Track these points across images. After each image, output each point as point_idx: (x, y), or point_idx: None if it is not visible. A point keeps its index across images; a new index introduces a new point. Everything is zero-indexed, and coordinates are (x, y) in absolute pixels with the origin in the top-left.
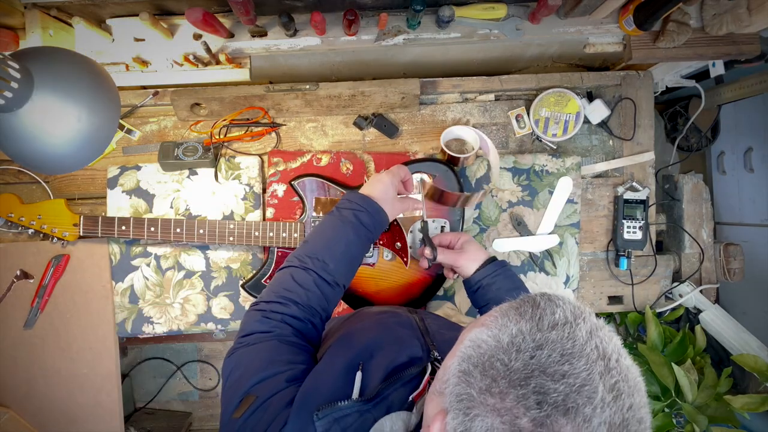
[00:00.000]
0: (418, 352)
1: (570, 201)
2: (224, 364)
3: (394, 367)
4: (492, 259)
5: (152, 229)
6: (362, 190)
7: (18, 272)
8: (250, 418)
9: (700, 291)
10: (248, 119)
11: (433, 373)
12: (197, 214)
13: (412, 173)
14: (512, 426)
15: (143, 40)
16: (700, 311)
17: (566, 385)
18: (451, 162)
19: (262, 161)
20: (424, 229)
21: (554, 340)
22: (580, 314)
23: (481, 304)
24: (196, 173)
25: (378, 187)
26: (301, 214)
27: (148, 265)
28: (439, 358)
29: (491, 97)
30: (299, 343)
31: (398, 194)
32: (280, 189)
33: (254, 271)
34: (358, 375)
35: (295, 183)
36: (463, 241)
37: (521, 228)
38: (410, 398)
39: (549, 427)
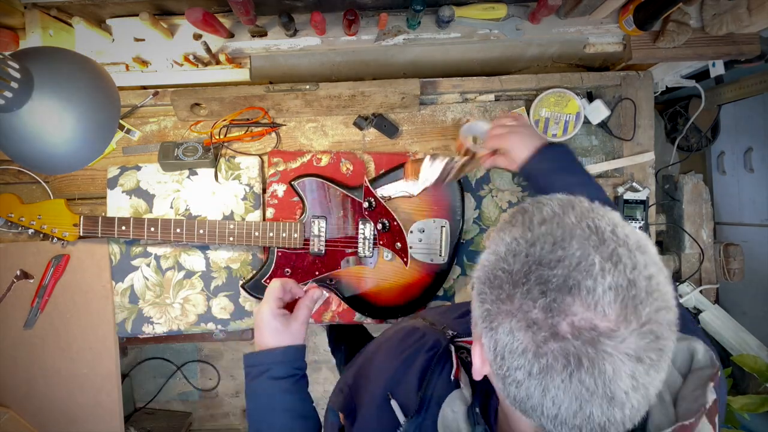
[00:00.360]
0: (433, 343)
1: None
2: None
3: (420, 371)
4: (545, 146)
5: (152, 229)
6: (259, 339)
7: (18, 272)
8: None
9: (700, 291)
10: (248, 119)
11: (457, 349)
12: (197, 214)
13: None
14: (527, 321)
15: (143, 40)
16: (700, 311)
17: (563, 267)
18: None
19: (262, 161)
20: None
21: (544, 233)
22: (568, 203)
23: (538, 188)
24: (196, 173)
25: (265, 332)
26: (301, 214)
27: (148, 265)
28: (454, 333)
29: (491, 97)
30: None
31: (290, 306)
32: (280, 189)
33: (254, 271)
34: (393, 402)
35: (295, 183)
36: (509, 147)
37: None
38: (451, 379)
39: (558, 310)
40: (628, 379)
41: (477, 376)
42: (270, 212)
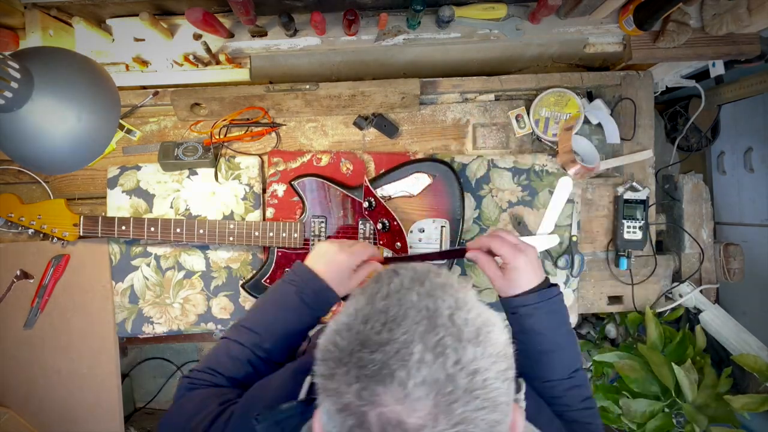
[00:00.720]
0: None
1: (570, 201)
2: (160, 426)
3: None
4: (542, 285)
5: (152, 229)
6: (314, 264)
7: (18, 272)
8: None
9: (700, 291)
10: (248, 119)
11: None
12: (197, 214)
13: (413, 173)
14: (340, 405)
15: (143, 40)
16: (700, 311)
17: (383, 353)
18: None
19: (262, 161)
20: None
21: (380, 310)
22: (419, 277)
23: (515, 329)
24: (196, 173)
25: (332, 267)
26: (301, 214)
27: (148, 265)
28: None
29: (491, 97)
30: (226, 388)
31: (357, 269)
32: (280, 189)
33: (254, 271)
34: (308, 379)
35: (295, 183)
36: (515, 266)
37: (521, 228)
38: None
39: (369, 399)
40: None
41: None
42: (270, 212)
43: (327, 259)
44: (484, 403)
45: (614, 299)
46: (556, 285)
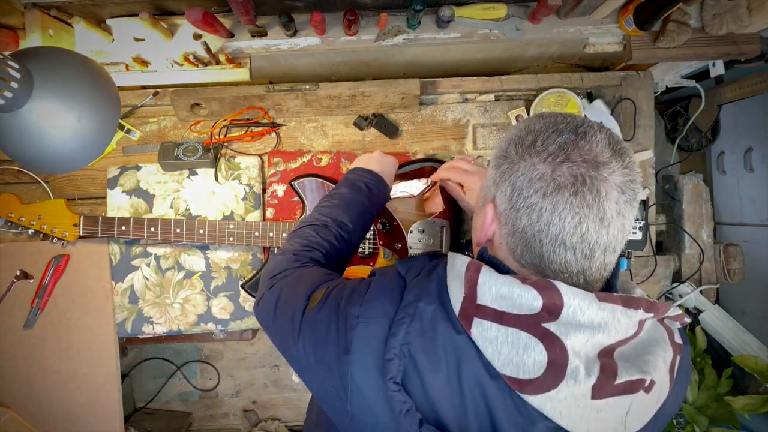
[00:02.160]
0: None
1: None
2: (263, 304)
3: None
4: None
5: (152, 229)
6: (369, 165)
7: (18, 272)
8: (330, 298)
9: (700, 291)
10: (248, 119)
11: None
12: (197, 214)
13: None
14: (546, 153)
15: (143, 40)
16: (700, 312)
17: (572, 122)
18: None
19: (262, 161)
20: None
21: (549, 114)
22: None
23: None
24: (196, 173)
25: (386, 167)
26: (301, 215)
27: (148, 265)
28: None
29: (491, 97)
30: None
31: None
32: (280, 189)
33: (254, 271)
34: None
35: (295, 183)
36: (471, 186)
37: None
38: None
39: (572, 146)
40: (614, 204)
41: (483, 237)
42: (270, 212)
43: (379, 161)
44: (635, 160)
45: None
46: None
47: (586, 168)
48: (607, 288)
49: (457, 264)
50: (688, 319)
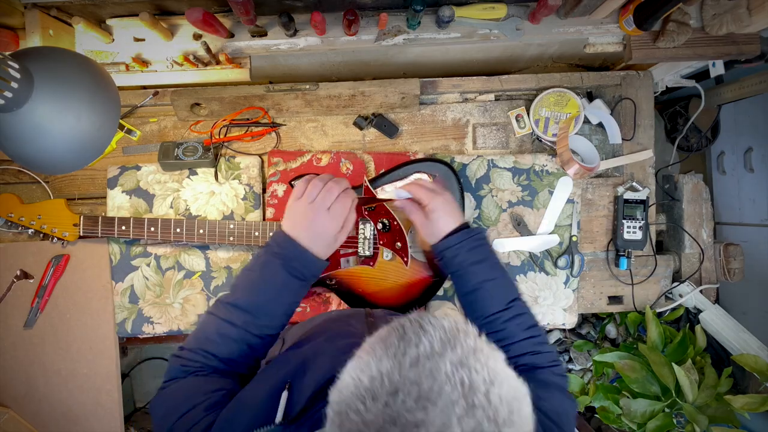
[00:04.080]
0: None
1: (570, 201)
2: (151, 407)
3: (324, 381)
4: (460, 228)
5: (152, 229)
6: (296, 233)
7: (18, 272)
8: None
9: (700, 291)
10: (248, 119)
11: None
12: (197, 214)
13: (413, 173)
14: None
15: (143, 40)
16: (700, 311)
17: (414, 426)
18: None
19: (262, 161)
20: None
21: (412, 380)
22: (450, 339)
23: (448, 273)
24: (196, 173)
25: (315, 236)
26: None
27: (148, 265)
28: None
29: (491, 97)
30: (220, 372)
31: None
32: (280, 189)
33: None
34: (284, 395)
35: (295, 183)
36: (432, 207)
37: (521, 228)
38: None
39: None
40: None
41: None
42: (270, 212)
43: (309, 228)
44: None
45: (614, 299)
46: (477, 227)
47: None
48: None
49: None
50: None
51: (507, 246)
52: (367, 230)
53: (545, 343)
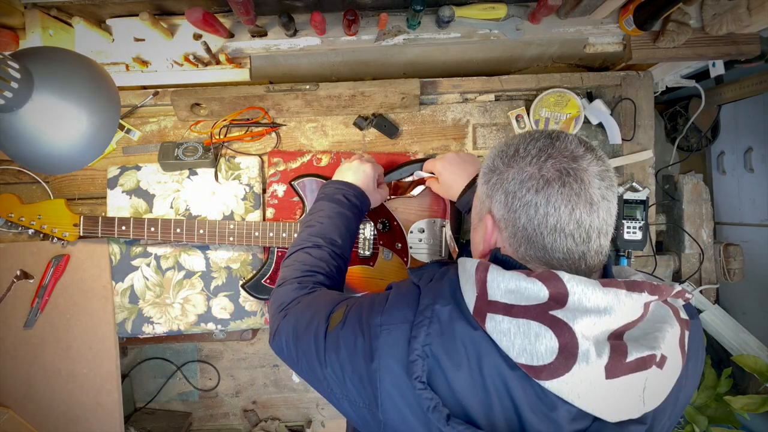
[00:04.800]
0: None
1: None
2: (277, 338)
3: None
4: (473, 182)
5: (152, 229)
6: (345, 177)
7: (18, 272)
8: (350, 315)
9: (700, 291)
10: (248, 119)
11: None
12: (197, 214)
13: (413, 173)
14: (531, 157)
15: (143, 40)
16: (700, 311)
17: (546, 132)
18: None
19: (262, 161)
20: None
21: (531, 131)
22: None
23: None
24: (196, 173)
25: (361, 177)
26: (301, 215)
27: (148, 265)
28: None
29: (491, 97)
30: (328, 287)
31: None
32: (280, 189)
33: (254, 272)
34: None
35: (295, 183)
36: (438, 171)
37: None
38: None
39: (549, 147)
40: (597, 190)
41: (487, 247)
42: (270, 212)
43: (354, 170)
44: (606, 155)
45: None
46: None
47: (567, 162)
48: (605, 275)
49: (468, 266)
50: (689, 295)
51: None
52: (367, 230)
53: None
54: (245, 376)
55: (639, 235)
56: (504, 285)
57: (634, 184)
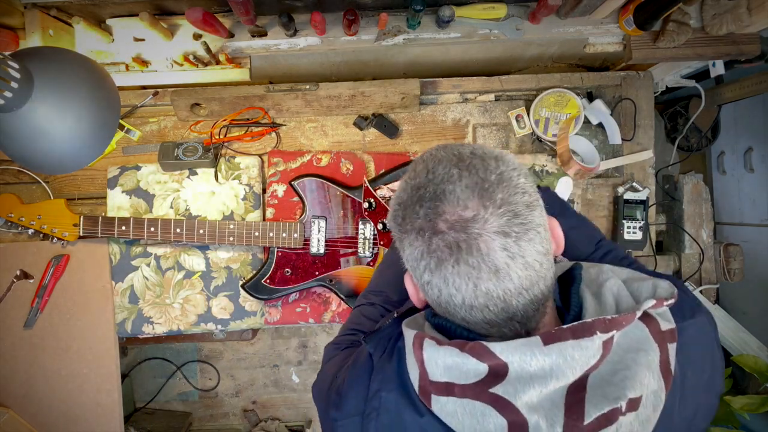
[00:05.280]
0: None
1: (570, 201)
2: (313, 391)
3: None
4: None
5: (152, 229)
6: None
7: (18, 272)
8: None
9: (700, 291)
10: (248, 119)
11: None
12: (197, 214)
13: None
14: (416, 230)
15: (143, 40)
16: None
17: (433, 184)
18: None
19: (262, 161)
20: None
21: (421, 168)
22: (442, 146)
23: None
24: (196, 173)
25: None
26: (301, 215)
27: (148, 265)
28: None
29: (491, 97)
30: None
31: None
32: (280, 189)
33: (254, 272)
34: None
35: (295, 183)
36: None
37: None
38: None
39: (434, 214)
40: (502, 251)
41: (416, 303)
42: (270, 212)
43: None
44: (515, 189)
45: None
46: (541, 187)
47: (455, 233)
48: (566, 305)
49: (407, 339)
50: (670, 300)
51: None
52: (368, 230)
53: (644, 267)
54: (245, 376)
55: (639, 235)
56: (441, 362)
57: (634, 184)
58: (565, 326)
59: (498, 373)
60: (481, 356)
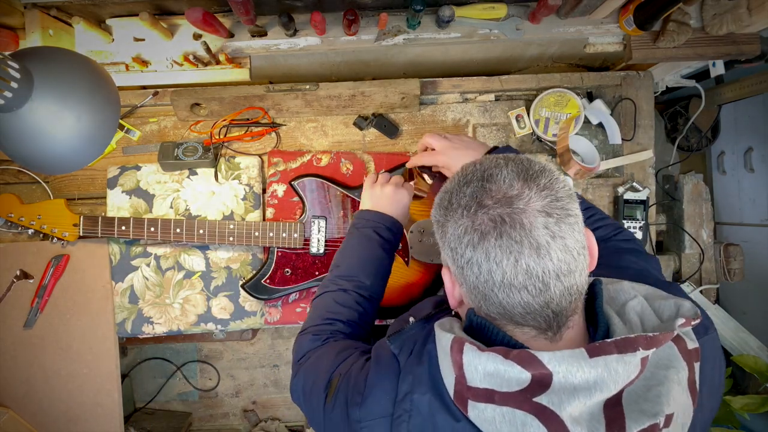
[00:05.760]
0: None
1: None
2: (293, 390)
3: (439, 299)
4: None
5: (152, 229)
6: (378, 206)
7: (18, 272)
8: (339, 393)
9: (700, 291)
10: (248, 119)
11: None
12: (197, 214)
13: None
14: (462, 208)
15: (143, 40)
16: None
17: (479, 170)
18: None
19: (262, 161)
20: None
21: (473, 163)
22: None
23: None
24: (196, 173)
25: (395, 205)
26: (301, 215)
27: (148, 265)
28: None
29: (491, 97)
30: (347, 335)
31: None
32: (280, 189)
33: (254, 272)
34: (411, 318)
35: (295, 183)
36: (438, 147)
37: None
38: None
39: (480, 192)
40: (543, 229)
41: (454, 302)
42: (270, 212)
43: (390, 199)
44: (554, 177)
45: None
46: (497, 147)
47: (500, 207)
48: (592, 312)
49: (443, 342)
50: (696, 321)
51: None
52: None
53: (605, 217)
54: (245, 376)
55: (639, 235)
56: (482, 368)
57: (634, 184)
58: (609, 340)
59: (542, 382)
60: (527, 364)
